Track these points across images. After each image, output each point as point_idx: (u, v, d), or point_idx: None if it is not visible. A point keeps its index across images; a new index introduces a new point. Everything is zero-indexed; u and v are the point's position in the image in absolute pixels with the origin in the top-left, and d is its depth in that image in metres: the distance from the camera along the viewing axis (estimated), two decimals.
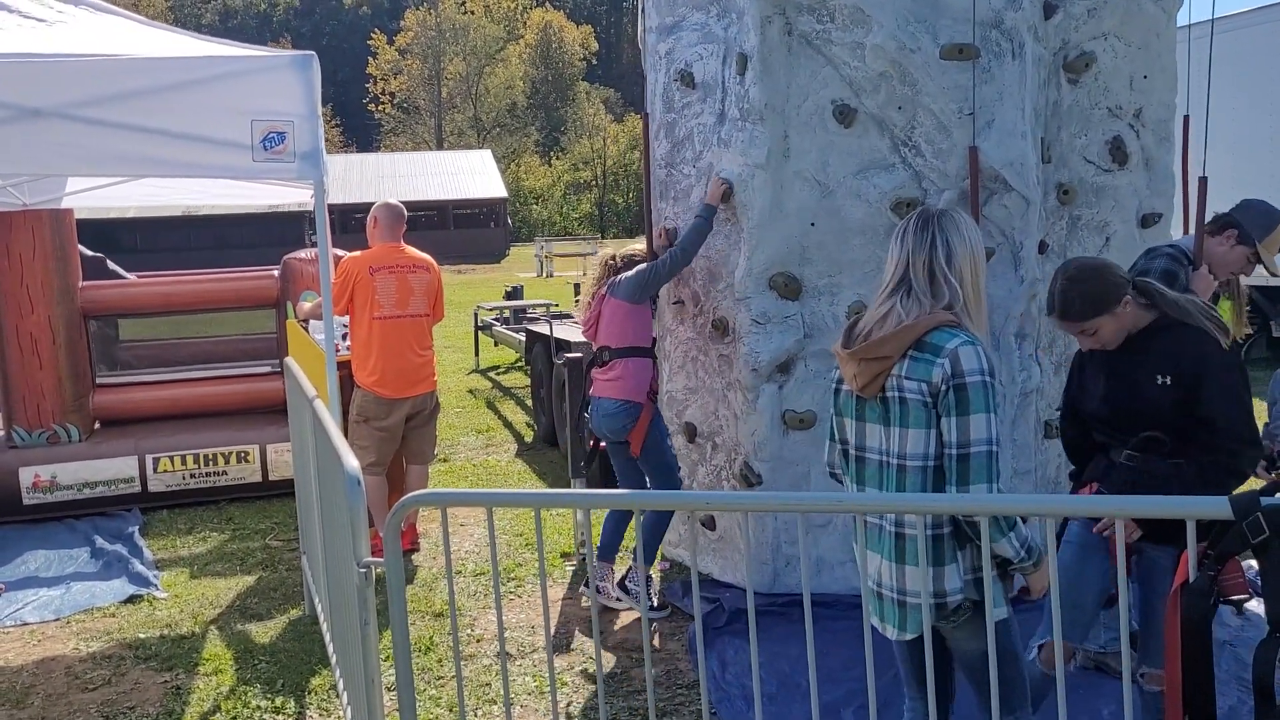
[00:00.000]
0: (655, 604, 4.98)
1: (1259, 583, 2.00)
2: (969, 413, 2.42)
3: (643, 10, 5.65)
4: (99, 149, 3.56)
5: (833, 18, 4.67)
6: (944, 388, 2.44)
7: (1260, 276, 10.11)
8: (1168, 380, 2.93)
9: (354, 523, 2.71)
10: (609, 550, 5.02)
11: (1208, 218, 4.07)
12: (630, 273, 4.92)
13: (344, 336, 6.12)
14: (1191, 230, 4.36)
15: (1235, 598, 2.24)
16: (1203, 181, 4.17)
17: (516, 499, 2.62)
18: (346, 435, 4.97)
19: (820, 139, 4.76)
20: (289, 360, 5.05)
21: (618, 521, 5.03)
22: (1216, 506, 1.92)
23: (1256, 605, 4.31)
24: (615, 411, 4.85)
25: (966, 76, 4.56)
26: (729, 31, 4.95)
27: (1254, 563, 1.98)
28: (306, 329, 6.31)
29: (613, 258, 5.19)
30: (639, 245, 5.33)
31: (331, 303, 4.53)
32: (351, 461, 2.77)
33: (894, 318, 2.56)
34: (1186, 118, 4.88)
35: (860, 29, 4.62)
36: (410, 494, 2.51)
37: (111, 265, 8.76)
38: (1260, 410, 3.69)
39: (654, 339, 5.20)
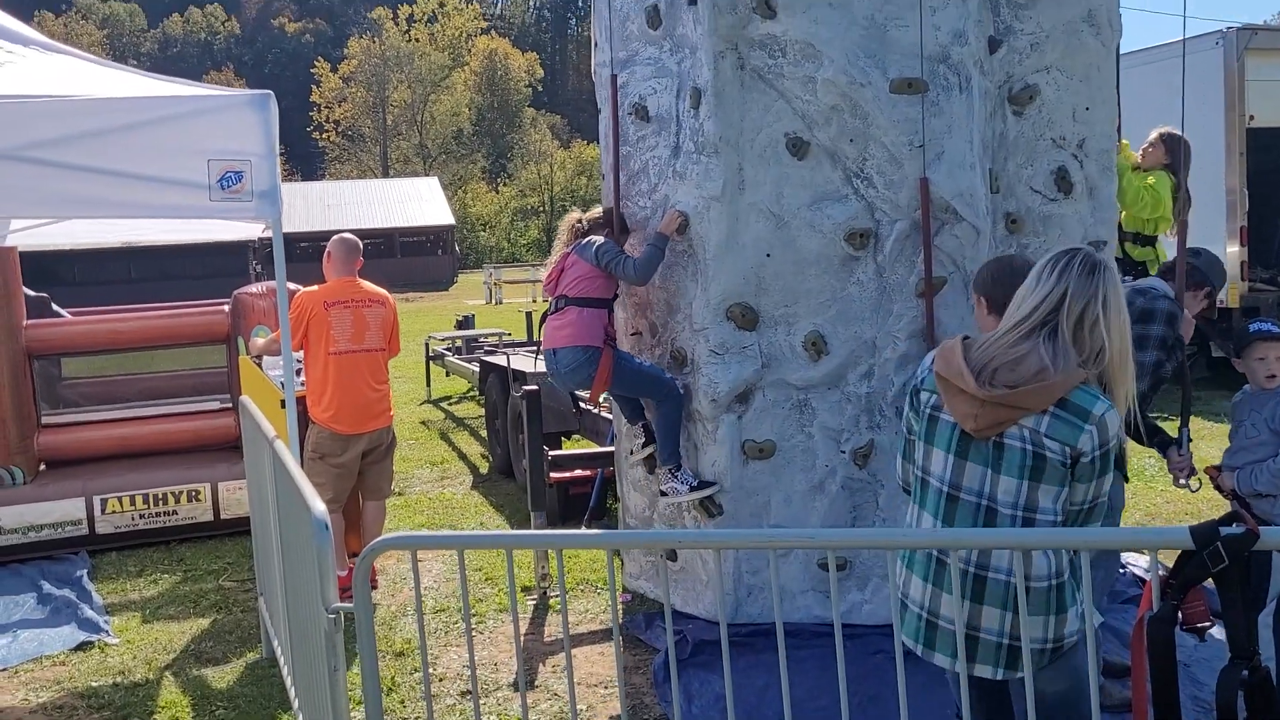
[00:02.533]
0: (697, 482, 4.87)
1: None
2: (1106, 473, 2.42)
3: (595, 44, 5.70)
4: (53, 191, 3.50)
5: (784, 52, 4.75)
6: (1092, 456, 2.39)
7: None
8: None
9: (322, 567, 2.69)
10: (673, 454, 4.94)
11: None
12: (600, 244, 4.86)
13: (298, 372, 6.06)
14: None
15: (1199, 625, 2.30)
16: (1183, 224, 4.37)
17: (488, 541, 2.62)
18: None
19: (774, 171, 4.82)
20: (245, 399, 4.99)
21: (658, 426, 4.94)
22: (1177, 537, 1.97)
23: (1218, 631, 4.41)
24: (576, 364, 4.76)
25: (916, 110, 4.66)
26: (682, 66, 5.02)
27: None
28: (260, 365, 6.25)
29: (579, 220, 5.15)
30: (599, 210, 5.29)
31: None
32: (319, 505, 2.76)
33: (1033, 361, 2.41)
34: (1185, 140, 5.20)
35: (811, 63, 4.71)
36: (381, 538, 2.50)
37: (55, 307, 8.58)
38: (1223, 434, 3.82)
39: (613, 297, 5.09)
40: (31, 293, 7.95)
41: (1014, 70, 4.96)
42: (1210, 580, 2.01)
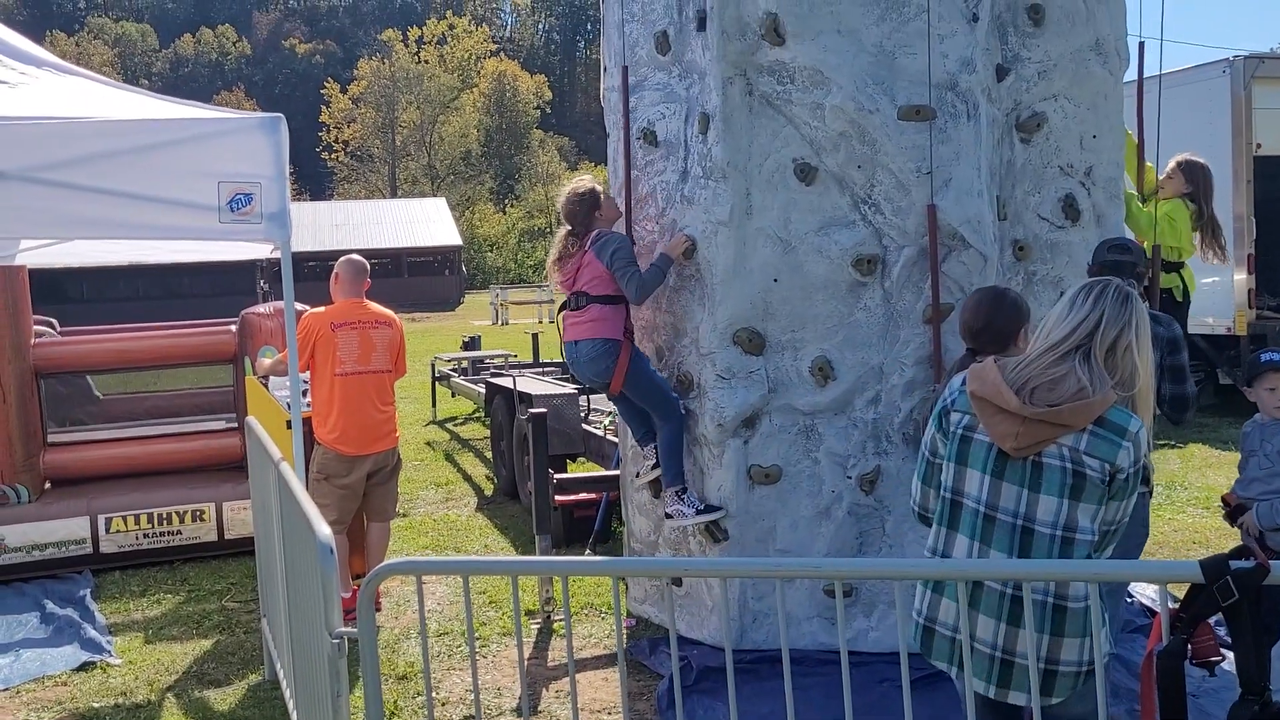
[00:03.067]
0: (703, 506, 4.87)
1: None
2: (1135, 493, 2.48)
3: (605, 69, 5.73)
4: (65, 212, 3.52)
5: (793, 79, 4.77)
6: (1128, 473, 2.44)
7: (1205, 325, 10.32)
8: None
9: (326, 591, 2.68)
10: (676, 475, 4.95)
11: None
12: (616, 248, 4.84)
13: (304, 393, 6.06)
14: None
15: (1209, 660, 2.28)
16: (1156, 249, 4.38)
17: (494, 567, 2.61)
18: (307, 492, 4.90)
19: (782, 196, 4.83)
20: (251, 420, 4.99)
21: (662, 446, 4.97)
22: (1187, 571, 1.96)
23: (1228, 664, 4.37)
24: (596, 354, 4.85)
25: (924, 137, 4.67)
26: (691, 91, 5.04)
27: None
28: (266, 385, 6.26)
29: (571, 232, 5.05)
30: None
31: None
32: (324, 529, 2.75)
33: (1071, 382, 2.47)
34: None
35: (820, 90, 4.72)
36: (386, 563, 2.50)
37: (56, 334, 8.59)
38: (1231, 461, 3.81)
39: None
40: (37, 318, 7.97)
41: (1021, 98, 4.97)
42: (1220, 614, 2.00)
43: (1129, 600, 5.23)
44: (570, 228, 5.05)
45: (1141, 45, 5.64)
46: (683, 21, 5.05)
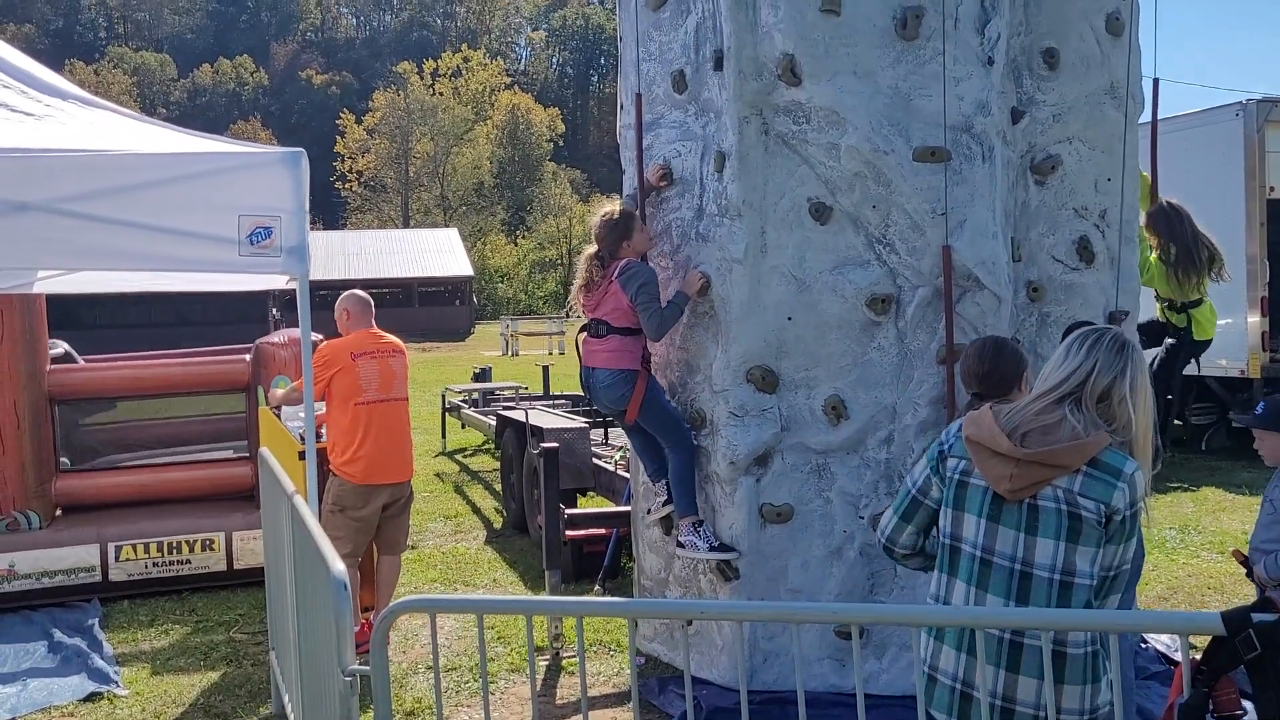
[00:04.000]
0: (717, 543, 4.86)
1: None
2: (1133, 537, 2.46)
3: (621, 106, 5.78)
4: (86, 244, 3.55)
5: (808, 119, 4.80)
6: (1124, 515, 2.43)
7: (1219, 367, 10.27)
8: None
9: (340, 628, 2.67)
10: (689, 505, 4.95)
11: None
12: (642, 283, 4.84)
13: (317, 425, 6.07)
14: None
15: (1231, 713, 2.26)
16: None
17: (508, 606, 2.60)
18: (320, 524, 4.90)
19: (797, 235, 4.85)
20: (264, 451, 5.00)
21: (673, 478, 4.98)
22: (1209, 623, 1.94)
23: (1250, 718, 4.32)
24: (613, 381, 4.89)
25: (939, 178, 4.69)
26: (707, 130, 5.08)
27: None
28: (279, 416, 6.27)
29: (598, 254, 5.03)
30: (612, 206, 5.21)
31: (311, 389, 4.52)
32: (338, 565, 2.74)
33: (1067, 428, 2.48)
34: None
35: (835, 130, 4.75)
36: (402, 600, 2.49)
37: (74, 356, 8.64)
38: (1245, 506, 3.78)
39: None
40: (56, 349, 8.01)
41: (1036, 140, 5.00)
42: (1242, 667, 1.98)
43: (1143, 646, 5.18)
44: (597, 249, 5.03)
45: (1156, 83, 5.68)
46: (700, 61, 5.09)
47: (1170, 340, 6.25)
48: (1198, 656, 2.08)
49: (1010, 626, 2.34)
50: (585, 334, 5.06)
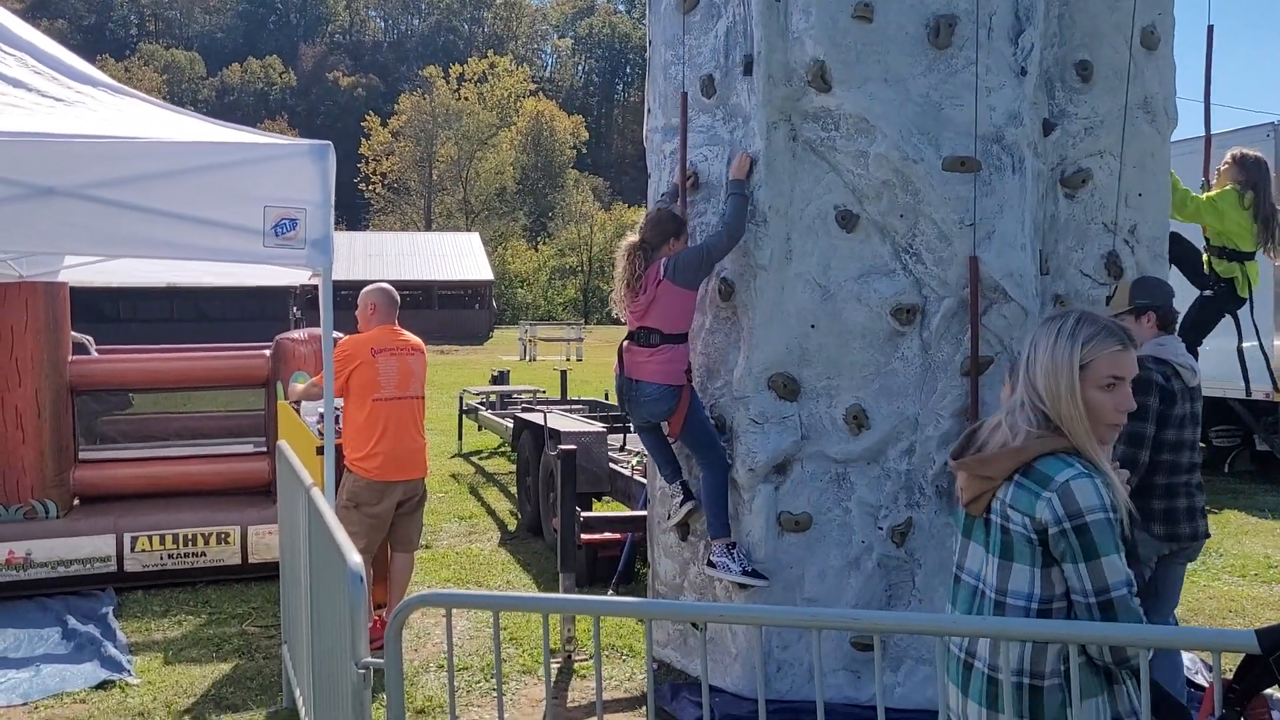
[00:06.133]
0: (750, 569, 4.76)
1: None
2: (1098, 555, 2.14)
3: (649, 110, 5.76)
4: (111, 230, 3.56)
5: (837, 126, 4.77)
6: (1058, 529, 2.17)
7: (1243, 390, 10.16)
8: None
9: (354, 620, 2.65)
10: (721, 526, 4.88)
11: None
12: (688, 255, 4.74)
13: (335, 420, 6.06)
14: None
15: None
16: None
17: (525, 604, 2.57)
18: None
19: (823, 243, 4.82)
20: (282, 444, 4.99)
21: (706, 499, 4.90)
22: (1243, 640, 1.90)
23: None
24: (659, 396, 4.78)
25: (968, 188, 4.65)
26: (735, 135, 5.05)
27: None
28: (298, 411, 6.27)
29: (642, 243, 4.89)
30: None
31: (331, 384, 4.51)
32: (355, 558, 2.72)
33: (1002, 433, 2.32)
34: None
35: (864, 138, 4.72)
36: (418, 594, 2.46)
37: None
38: (1268, 530, 3.70)
39: None
40: (77, 336, 8.05)
41: (1067, 153, 4.95)
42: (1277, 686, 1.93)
43: None
44: (640, 239, 4.88)
45: (1208, 93, 5.59)
46: (729, 65, 5.07)
47: (1206, 293, 5.79)
48: (1231, 677, 2.03)
49: (1033, 640, 2.22)
50: (629, 342, 4.91)
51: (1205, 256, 5.81)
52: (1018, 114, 4.68)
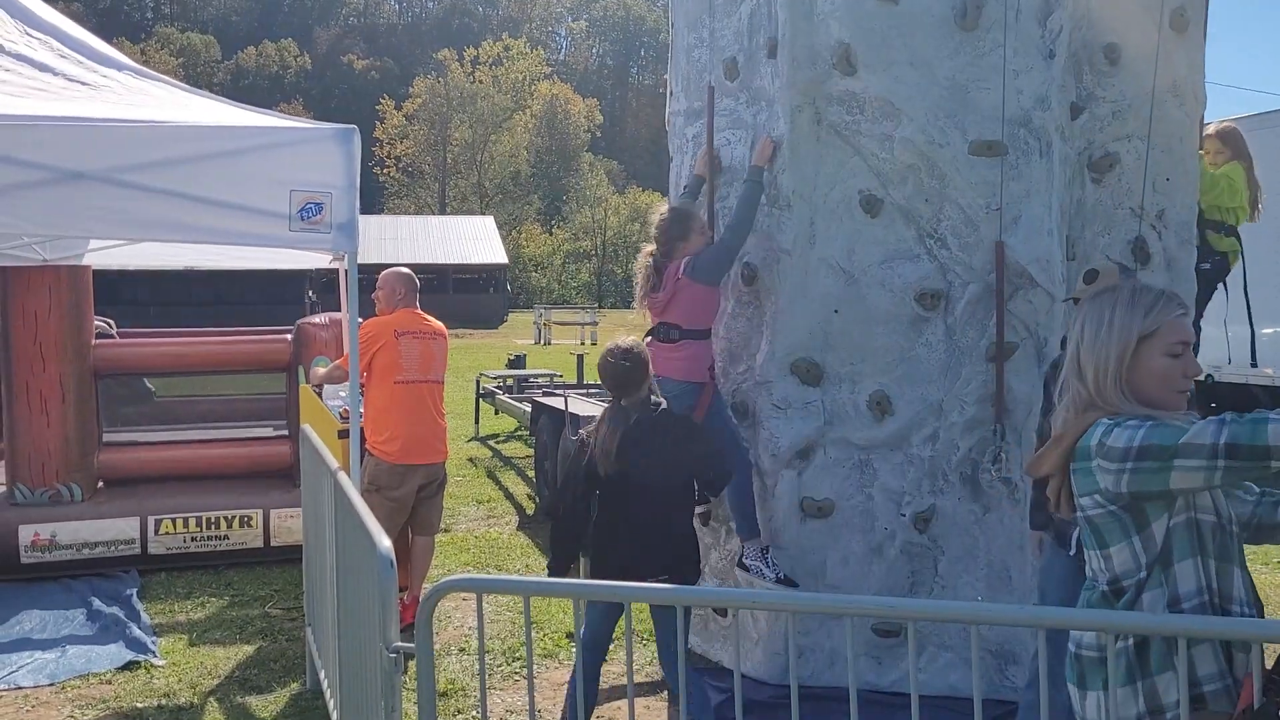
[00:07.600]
0: (784, 575, 4.73)
1: None
2: (1174, 448, 1.97)
3: (671, 93, 5.74)
4: (138, 214, 3.56)
5: (862, 110, 4.73)
6: (1125, 474, 2.04)
7: (1266, 377, 10.05)
8: None
9: (385, 604, 2.66)
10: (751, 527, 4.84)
11: None
12: (706, 256, 4.72)
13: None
14: None
15: None
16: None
17: (557, 589, 2.58)
18: None
19: (847, 227, 4.79)
20: (306, 428, 5.01)
21: (732, 500, 4.86)
22: None
23: None
24: (681, 393, 4.71)
25: (995, 173, 4.61)
26: (758, 118, 5.02)
27: None
28: (319, 394, 6.29)
29: (659, 253, 4.88)
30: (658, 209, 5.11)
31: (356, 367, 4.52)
32: (385, 543, 2.73)
33: (1057, 422, 2.26)
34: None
35: (889, 122, 4.68)
36: (449, 578, 2.47)
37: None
38: None
39: None
40: (98, 321, 8.09)
41: (1094, 137, 4.90)
42: None
43: None
44: (655, 247, 4.88)
45: None
46: (753, 48, 5.04)
47: (1204, 265, 5.61)
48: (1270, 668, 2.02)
49: (1071, 628, 2.22)
50: (651, 338, 4.86)
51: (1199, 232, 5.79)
52: (1045, 97, 4.64)
